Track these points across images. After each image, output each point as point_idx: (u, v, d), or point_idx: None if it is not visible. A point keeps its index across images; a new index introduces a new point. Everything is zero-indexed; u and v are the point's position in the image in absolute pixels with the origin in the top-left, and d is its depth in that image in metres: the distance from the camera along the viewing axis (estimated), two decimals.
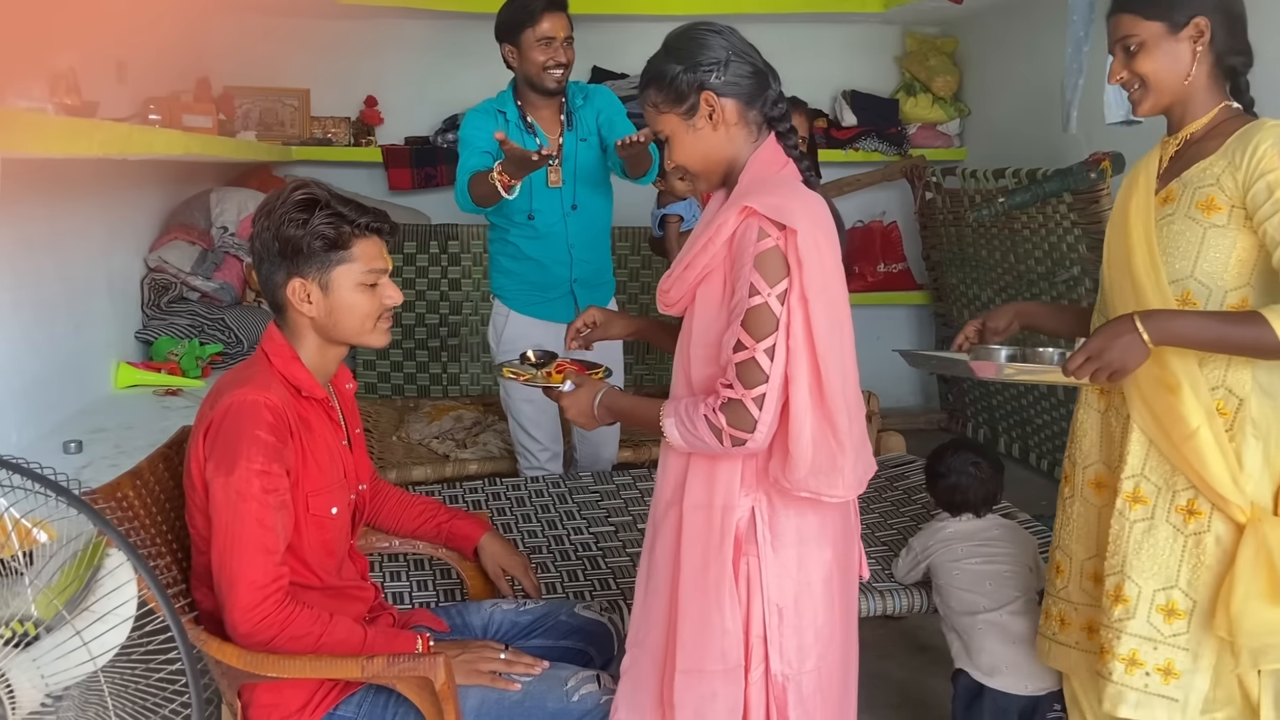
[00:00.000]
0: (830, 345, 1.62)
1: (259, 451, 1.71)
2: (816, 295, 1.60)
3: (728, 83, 1.69)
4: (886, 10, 4.90)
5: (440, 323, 4.76)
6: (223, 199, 4.10)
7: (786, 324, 1.61)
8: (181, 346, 3.49)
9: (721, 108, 1.70)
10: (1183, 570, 1.83)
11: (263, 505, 1.70)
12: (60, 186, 2.91)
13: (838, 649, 1.78)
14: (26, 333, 2.69)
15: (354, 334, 1.84)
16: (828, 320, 1.62)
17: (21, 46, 1.84)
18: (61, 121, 2.02)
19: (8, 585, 1.40)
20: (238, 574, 1.68)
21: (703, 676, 1.70)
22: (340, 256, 1.79)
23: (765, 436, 1.63)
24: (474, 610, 2.09)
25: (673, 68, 1.70)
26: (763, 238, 1.61)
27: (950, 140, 5.35)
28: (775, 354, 1.60)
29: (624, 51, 5.24)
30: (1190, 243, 1.78)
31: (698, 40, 1.71)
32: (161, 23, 3.96)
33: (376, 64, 5.07)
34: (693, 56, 1.70)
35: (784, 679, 1.70)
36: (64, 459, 2.53)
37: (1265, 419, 1.77)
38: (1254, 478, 1.77)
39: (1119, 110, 3.21)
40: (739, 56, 1.71)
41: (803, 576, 1.71)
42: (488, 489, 3.10)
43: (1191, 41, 1.78)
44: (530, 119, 3.10)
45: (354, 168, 5.05)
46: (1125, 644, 1.85)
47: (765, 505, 1.70)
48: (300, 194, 1.80)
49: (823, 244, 1.63)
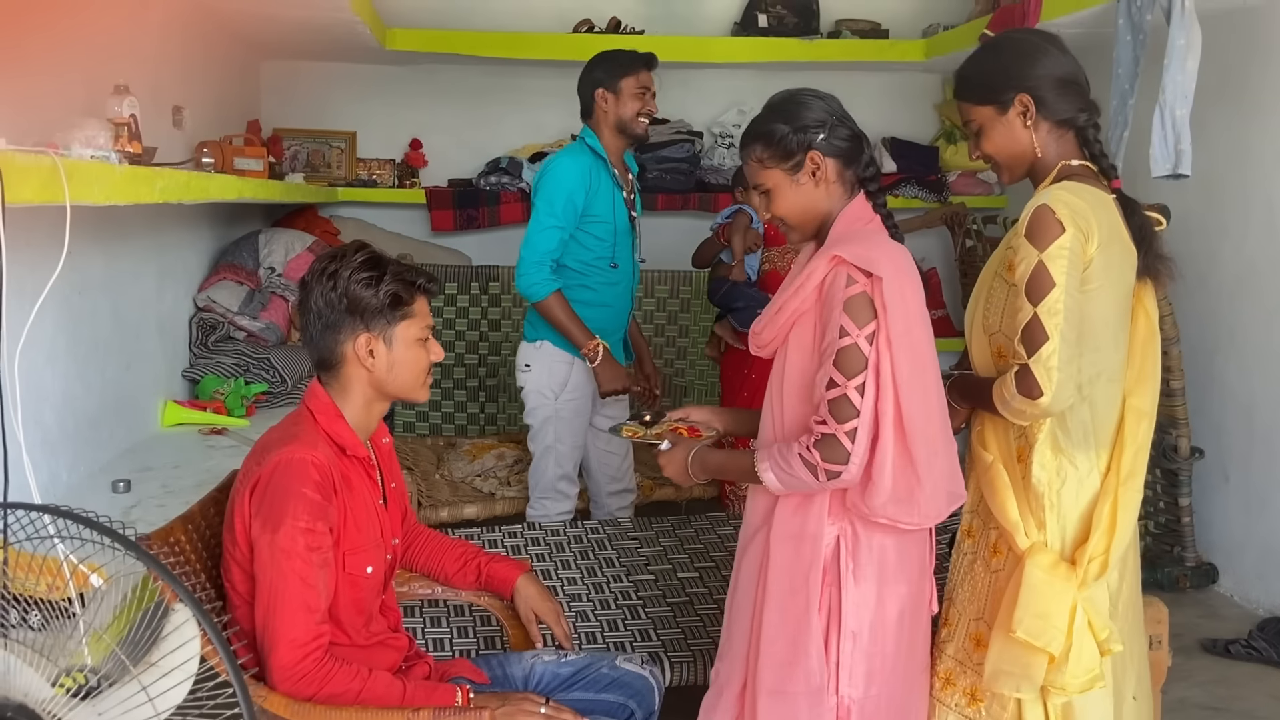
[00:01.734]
0: (913, 385, 1.74)
1: (305, 509, 1.73)
2: (900, 337, 1.73)
3: (831, 144, 1.86)
4: (927, 59, 4.93)
5: (479, 363, 4.80)
6: (271, 240, 4.17)
7: (875, 364, 1.73)
8: (227, 385, 3.54)
9: (825, 166, 1.85)
10: (988, 603, 1.94)
11: (306, 563, 1.72)
12: (117, 229, 2.98)
13: (900, 678, 1.85)
14: (81, 372, 2.74)
15: (408, 388, 1.90)
16: (910, 362, 1.74)
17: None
18: (126, 170, 2.07)
19: (64, 631, 1.42)
20: (279, 632, 1.70)
21: (786, 698, 1.80)
22: (405, 313, 1.86)
23: (858, 469, 1.74)
24: (515, 661, 2.09)
25: (781, 127, 1.86)
26: (850, 284, 1.75)
27: (990, 188, 5.34)
28: (865, 391, 1.73)
29: (663, 98, 5.22)
30: (1000, 299, 1.91)
31: (805, 104, 1.88)
32: (217, 69, 4.07)
33: (421, 108, 5.16)
34: (800, 119, 1.86)
35: (850, 702, 1.80)
36: (113, 499, 2.57)
37: (1049, 471, 1.86)
38: (1044, 522, 1.86)
39: (1165, 164, 3.20)
40: (841, 121, 1.88)
41: (879, 607, 1.81)
42: (526, 534, 3.10)
43: (1020, 116, 1.91)
44: (615, 171, 3.25)
45: (398, 209, 5.13)
46: (944, 664, 2.00)
47: (850, 535, 1.81)
48: (364, 254, 1.86)
49: (907, 291, 1.76)
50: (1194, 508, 3.81)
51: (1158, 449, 3.74)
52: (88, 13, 2.72)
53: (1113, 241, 1.86)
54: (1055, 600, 1.81)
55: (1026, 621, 1.80)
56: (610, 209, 3.18)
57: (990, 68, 1.95)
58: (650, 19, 5.10)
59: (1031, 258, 1.79)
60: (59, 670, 1.30)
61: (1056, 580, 1.82)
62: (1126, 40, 3.34)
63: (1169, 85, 3.16)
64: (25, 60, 2.31)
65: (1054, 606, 1.80)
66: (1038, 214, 1.81)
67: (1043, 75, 1.90)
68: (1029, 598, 1.81)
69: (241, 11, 3.87)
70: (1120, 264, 1.88)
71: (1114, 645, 1.84)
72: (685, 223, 5.31)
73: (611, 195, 3.19)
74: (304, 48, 4.66)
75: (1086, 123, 1.93)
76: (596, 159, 3.19)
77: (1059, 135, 1.92)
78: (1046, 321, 1.76)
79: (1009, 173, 1.99)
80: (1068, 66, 1.92)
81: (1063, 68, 1.91)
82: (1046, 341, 1.75)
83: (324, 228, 4.75)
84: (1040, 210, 1.81)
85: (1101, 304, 1.85)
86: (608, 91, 3.18)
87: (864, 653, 1.80)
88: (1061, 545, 1.87)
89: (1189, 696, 3.05)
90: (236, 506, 1.80)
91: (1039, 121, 1.91)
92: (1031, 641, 1.80)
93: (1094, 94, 1.97)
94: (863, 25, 5.06)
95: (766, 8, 5.03)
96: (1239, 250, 3.77)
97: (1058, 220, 1.79)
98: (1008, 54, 1.94)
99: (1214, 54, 3.30)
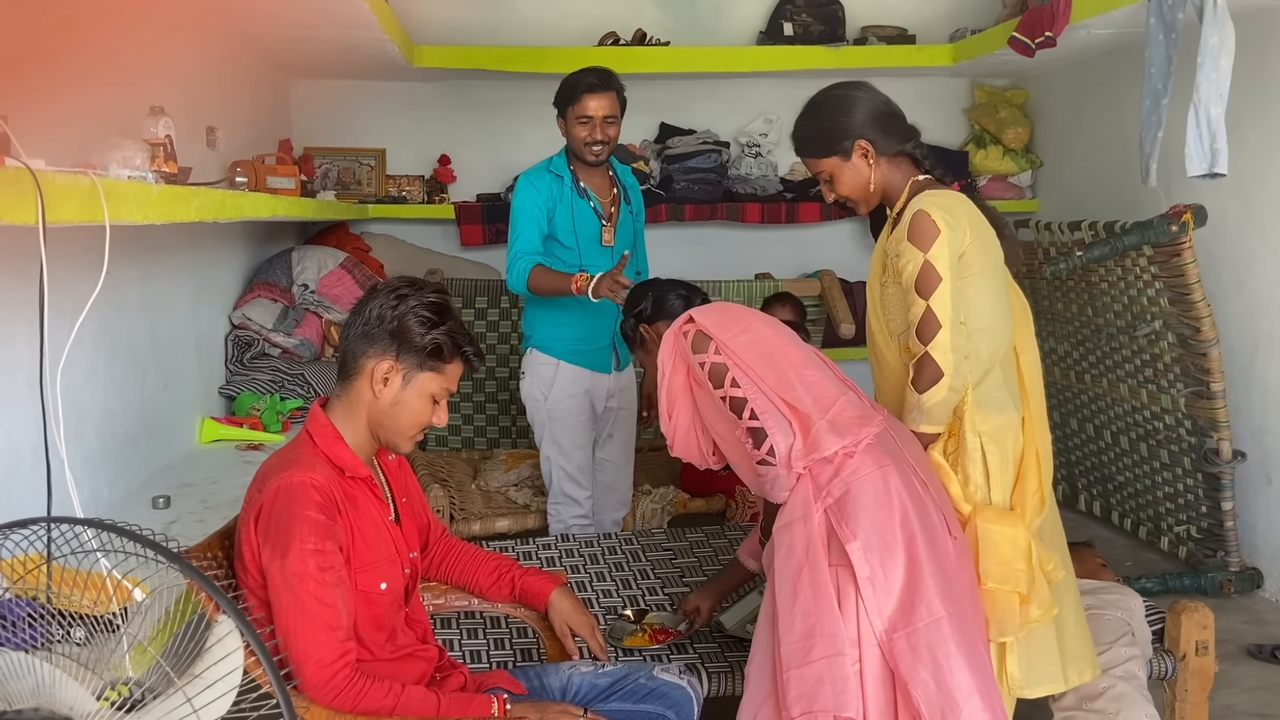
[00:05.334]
0: (757, 357, 2.03)
1: (311, 531, 1.73)
2: (735, 337, 2.04)
3: (654, 311, 2.30)
4: (955, 64, 4.90)
5: (510, 376, 4.80)
6: (304, 257, 4.21)
7: (735, 363, 2.02)
8: (263, 401, 3.57)
9: (656, 331, 2.22)
10: None
11: (320, 584, 1.73)
12: (153, 249, 3.02)
13: (942, 599, 1.87)
14: (120, 390, 2.78)
15: (396, 432, 1.89)
16: (749, 346, 2.04)
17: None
18: (162, 190, 2.09)
19: (108, 645, 1.43)
20: (304, 654, 1.70)
21: (810, 667, 1.86)
22: (436, 365, 1.86)
23: (786, 449, 1.97)
24: (552, 672, 2.09)
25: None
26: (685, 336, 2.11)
27: (1022, 192, 5.30)
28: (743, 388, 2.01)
29: (690, 109, 5.31)
30: (899, 304, 2.16)
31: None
32: (249, 89, 4.12)
33: (449, 124, 5.20)
34: (629, 308, 2.37)
35: (893, 638, 1.85)
36: (153, 514, 2.60)
37: (979, 438, 2.11)
38: (980, 486, 2.10)
39: (1201, 163, 3.16)
40: (664, 291, 2.36)
41: (883, 548, 1.88)
42: (560, 545, 3.10)
43: (863, 158, 2.21)
44: (583, 184, 3.26)
45: (427, 224, 5.17)
46: None
47: (831, 503, 1.94)
48: (437, 298, 1.87)
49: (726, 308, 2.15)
50: (1236, 512, 3.74)
51: (1198, 453, 3.69)
52: (123, 36, 2.76)
53: (981, 230, 2.15)
54: (1010, 545, 2.04)
55: (992, 570, 2.02)
56: (570, 223, 3.20)
57: (823, 125, 2.23)
58: (675, 30, 5.11)
59: (918, 259, 2.06)
60: (103, 683, 1.32)
61: (1006, 526, 2.05)
62: (1159, 39, 3.31)
63: (1203, 84, 3.12)
64: (63, 83, 2.35)
65: (1011, 551, 2.03)
66: (916, 219, 2.08)
67: (867, 119, 2.20)
68: (988, 549, 2.03)
69: (272, 33, 3.92)
70: (993, 247, 2.18)
71: (1058, 572, 2.11)
72: (713, 232, 5.31)
73: (571, 210, 3.21)
74: (334, 67, 4.71)
75: (914, 149, 2.24)
76: (555, 178, 3.22)
77: (897, 163, 2.22)
78: (939, 313, 2.04)
79: (865, 205, 2.27)
80: (881, 104, 2.23)
81: (878, 107, 2.22)
82: (940, 329, 2.04)
83: (355, 244, 4.79)
84: (918, 216, 2.08)
85: (986, 286, 2.14)
86: (560, 117, 3.22)
87: (886, 591, 1.86)
88: (1003, 498, 2.11)
89: (1235, 703, 2.99)
90: (244, 536, 1.80)
91: (878, 158, 2.20)
92: (1000, 587, 2.01)
93: (1126, 94, 2.03)
94: (889, 31, 5.05)
95: (792, 16, 5.03)
96: (1278, 251, 3.71)
97: (934, 222, 2.07)
98: (833, 110, 2.23)
99: (1248, 52, 3.26)
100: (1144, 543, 4.12)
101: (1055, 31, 3.85)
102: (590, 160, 3.21)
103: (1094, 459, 4.39)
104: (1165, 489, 3.98)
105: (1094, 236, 3.73)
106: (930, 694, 1.82)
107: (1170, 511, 3.98)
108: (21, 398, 2.16)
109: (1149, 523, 4.09)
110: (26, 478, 2.14)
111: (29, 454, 2.15)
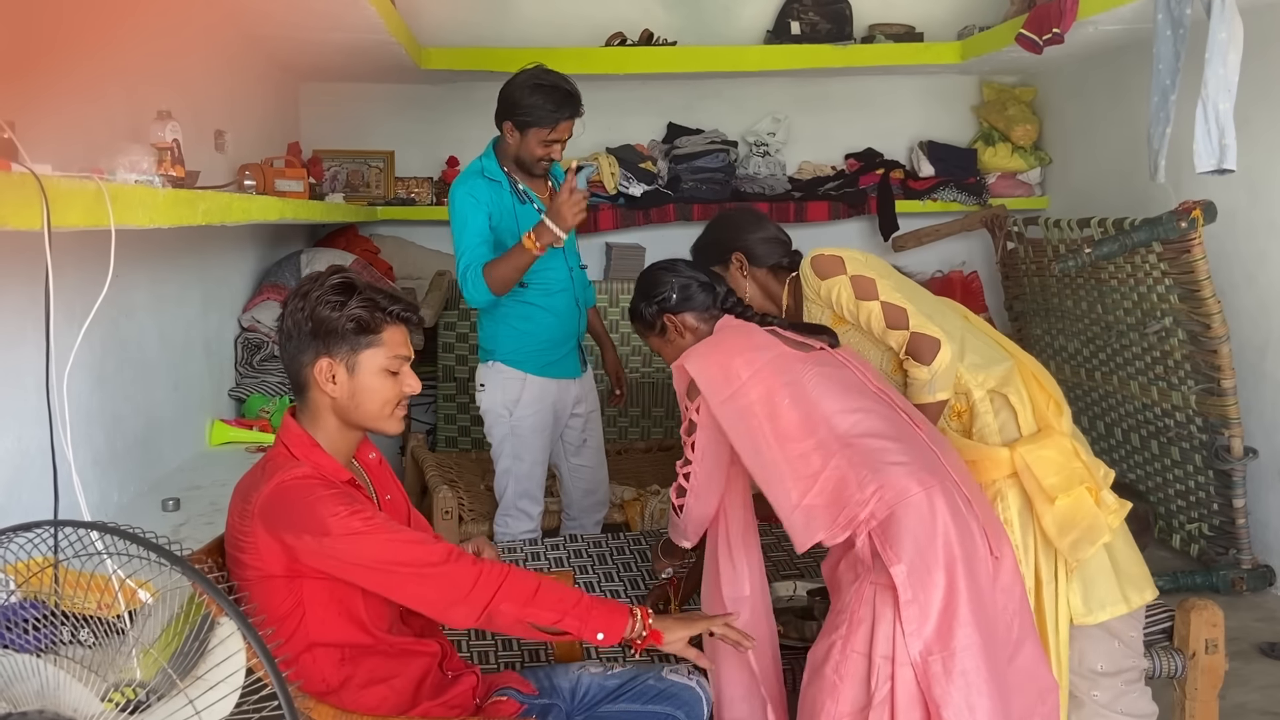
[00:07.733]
0: (739, 430, 2.05)
1: (334, 501, 1.72)
2: (721, 405, 2.05)
3: (681, 303, 2.25)
4: (963, 61, 4.89)
5: None
6: (313, 260, 4.22)
7: (708, 424, 2.09)
8: (272, 404, 3.58)
9: (680, 321, 2.26)
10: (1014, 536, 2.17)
11: (375, 528, 1.73)
12: (161, 253, 3.04)
13: (980, 621, 1.87)
14: (129, 393, 2.79)
15: (372, 418, 1.85)
16: (734, 416, 2.05)
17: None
18: (169, 194, 2.11)
19: (114, 647, 1.44)
20: (424, 579, 1.73)
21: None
22: (369, 340, 1.81)
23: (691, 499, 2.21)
24: (561, 673, 2.09)
25: (640, 306, 2.29)
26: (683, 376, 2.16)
27: (1031, 189, 5.28)
28: (696, 446, 2.13)
29: (697, 108, 5.31)
30: (866, 342, 2.28)
31: (652, 279, 2.29)
32: (257, 93, 4.14)
33: (457, 125, 5.20)
34: (650, 294, 2.28)
35: (928, 659, 1.85)
36: (162, 517, 2.62)
37: (996, 382, 2.23)
38: (1009, 423, 2.20)
39: (1209, 159, 3.15)
40: (689, 279, 2.27)
41: (924, 569, 1.87)
42: (569, 545, 3.10)
43: (739, 269, 2.44)
44: (523, 187, 3.12)
45: (436, 226, 5.17)
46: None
47: (875, 527, 1.91)
48: (338, 278, 1.83)
49: (724, 367, 2.07)
50: (1248, 509, 3.72)
51: (1209, 450, 3.67)
52: (130, 40, 2.78)
53: (869, 262, 2.29)
54: (1058, 451, 2.13)
55: (1057, 483, 2.09)
56: (516, 228, 3.02)
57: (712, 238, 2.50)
58: (682, 30, 5.11)
59: (841, 282, 2.22)
60: (108, 685, 1.32)
61: (1044, 439, 2.15)
62: (1166, 35, 3.29)
63: (1211, 79, 3.11)
64: (70, 88, 2.36)
65: (1061, 456, 2.13)
66: (814, 264, 2.26)
67: (744, 238, 2.44)
68: (1043, 468, 2.11)
69: (280, 36, 3.94)
70: (874, 261, 2.31)
71: (1109, 476, 2.21)
72: None
73: (515, 215, 3.06)
74: (341, 70, 4.73)
75: (785, 254, 2.46)
76: (492, 183, 3.07)
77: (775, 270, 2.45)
78: (894, 300, 2.18)
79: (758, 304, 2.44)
80: (760, 222, 2.49)
81: (757, 226, 2.47)
82: (906, 310, 2.17)
83: (364, 247, 4.81)
84: (813, 261, 2.27)
85: (889, 286, 2.23)
86: (515, 128, 3.02)
87: (925, 615, 1.85)
88: (1030, 426, 2.20)
89: (1247, 702, 2.97)
90: (246, 540, 1.76)
91: (753, 270, 2.44)
92: (1068, 495, 2.09)
93: (1134, 90, 2.03)
94: (897, 29, 5.03)
95: (799, 15, 5.03)
96: None
97: (827, 254, 2.26)
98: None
99: (1256, 47, 3.24)
100: (1155, 540, 4.10)
101: (1063, 28, 3.84)
102: (538, 173, 3.10)
103: (1105, 457, 4.37)
104: (1176, 486, 3.96)
105: (1103, 233, 3.72)
106: (964, 718, 1.83)
107: (1182, 509, 3.96)
108: (30, 401, 2.17)
109: (1160, 520, 4.07)
110: (35, 481, 2.15)
111: (38, 457, 2.16)
